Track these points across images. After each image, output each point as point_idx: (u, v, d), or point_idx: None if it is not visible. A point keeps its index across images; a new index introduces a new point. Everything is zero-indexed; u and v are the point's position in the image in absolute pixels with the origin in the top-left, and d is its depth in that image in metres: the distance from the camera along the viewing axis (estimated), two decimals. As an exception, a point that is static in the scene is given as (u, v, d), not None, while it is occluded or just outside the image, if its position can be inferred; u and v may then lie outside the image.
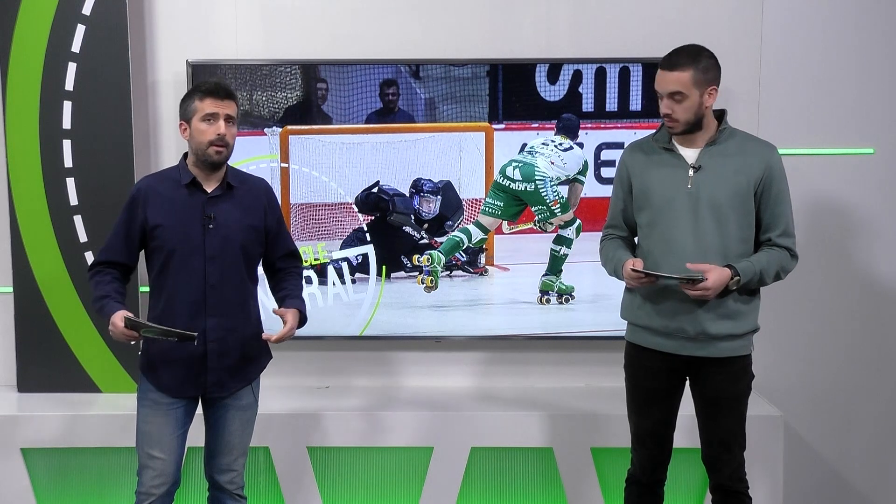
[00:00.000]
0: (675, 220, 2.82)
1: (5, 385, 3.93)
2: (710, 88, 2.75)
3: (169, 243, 2.80)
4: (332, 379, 3.99)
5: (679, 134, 2.82)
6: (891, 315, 3.91)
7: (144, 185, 2.87)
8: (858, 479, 3.98)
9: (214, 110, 2.77)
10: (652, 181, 2.87)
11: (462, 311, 3.88)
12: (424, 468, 3.65)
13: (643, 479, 3.03)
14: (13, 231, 3.74)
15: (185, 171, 2.85)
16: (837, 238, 3.88)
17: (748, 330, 2.85)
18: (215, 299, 2.82)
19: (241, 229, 2.86)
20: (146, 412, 2.88)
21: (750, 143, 2.84)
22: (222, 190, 2.85)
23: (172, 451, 2.88)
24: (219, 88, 2.80)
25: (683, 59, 2.74)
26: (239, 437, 2.96)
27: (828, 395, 3.94)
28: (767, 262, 2.78)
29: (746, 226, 2.81)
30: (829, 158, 3.83)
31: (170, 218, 2.81)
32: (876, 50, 3.79)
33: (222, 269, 2.82)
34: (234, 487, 2.98)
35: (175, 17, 3.80)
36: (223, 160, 2.83)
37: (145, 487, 2.88)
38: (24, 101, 3.67)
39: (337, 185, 3.81)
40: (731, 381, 2.86)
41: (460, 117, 3.76)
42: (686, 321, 2.82)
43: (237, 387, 2.92)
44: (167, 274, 2.82)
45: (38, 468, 3.64)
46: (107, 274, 2.84)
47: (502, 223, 3.83)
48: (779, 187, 2.79)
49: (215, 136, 2.77)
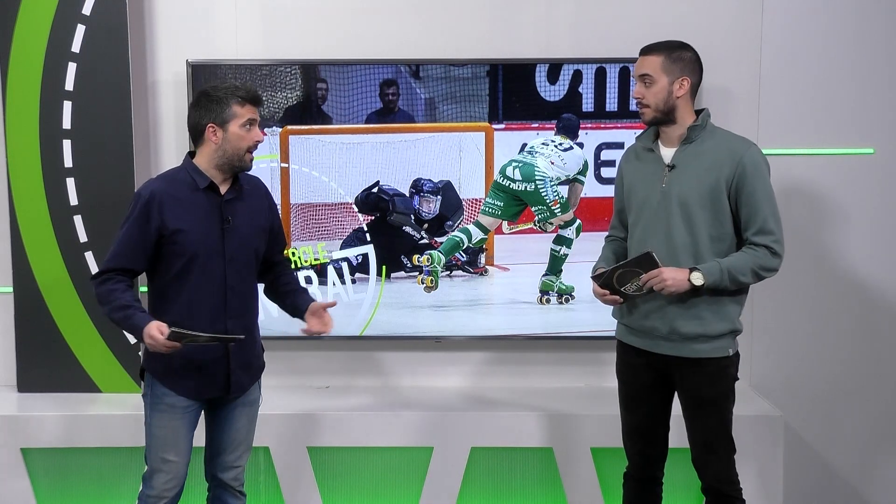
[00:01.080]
0: (649, 220, 2.84)
1: (5, 385, 3.93)
2: (681, 78, 2.79)
3: (190, 247, 2.76)
4: (332, 379, 3.99)
5: (650, 123, 2.85)
6: (890, 315, 3.91)
7: (157, 190, 2.79)
8: (858, 479, 3.97)
9: (254, 117, 2.79)
10: (635, 182, 2.92)
11: (462, 311, 3.88)
12: (424, 468, 3.66)
13: (637, 475, 3.05)
14: (13, 231, 3.74)
15: (199, 173, 2.80)
16: (837, 238, 3.87)
17: (724, 331, 2.81)
18: (234, 301, 2.82)
19: (254, 230, 2.87)
20: (162, 416, 2.84)
21: (725, 140, 2.82)
22: (235, 192, 2.85)
23: (185, 453, 2.88)
24: (258, 97, 2.82)
25: (659, 46, 2.83)
26: (245, 433, 2.97)
27: (828, 395, 3.94)
28: (737, 261, 2.74)
29: (718, 224, 2.78)
30: (829, 158, 3.83)
31: (189, 222, 2.77)
32: (876, 50, 3.78)
33: (239, 271, 2.83)
34: (237, 484, 2.99)
35: (175, 17, 3.80)
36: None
37: (157, 491, 2.86)
38: (24, 101, 3.67)
39: (337, 185, 3.81)
40: (709, 383, 2.84)
41: (460, 117, 3.76)
42: (657, 320, 2.83)
43: (249, 383, 2.94)
44: (186, 278, 2.78)
45: (38, 468, 3.65)
46: (119, 282, 2.76)
47: (502, 223, 3.84)
48: (753, 185, 2.74)
49: (254, 142, 2.79)
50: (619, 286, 2.78)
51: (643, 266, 2.73)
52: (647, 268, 2.73)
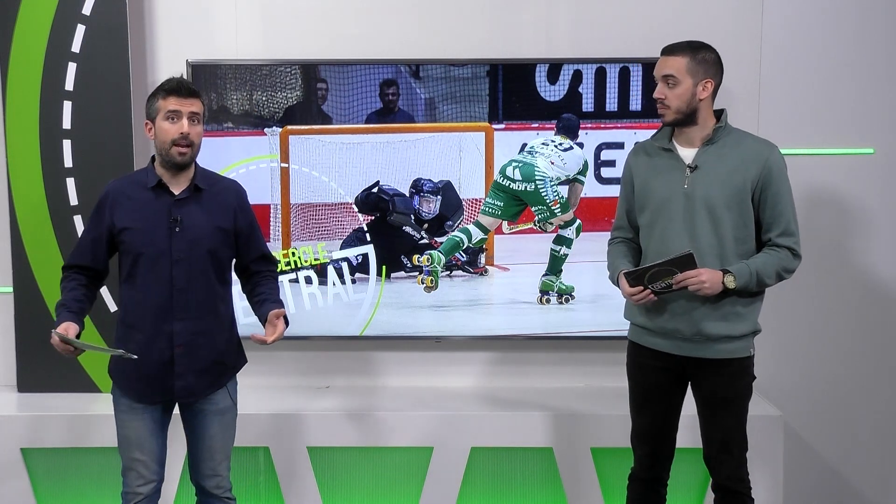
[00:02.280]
0: (671, 221, 2.82)
1: (5, 385, 3.93)
2: (705, 81, 2.78)
3: (136, 247, 2.77)
4: (332, 379, 3.99)
5: (670, 124, 2.83)
6: (890, 315, 3.91)
7: (112, 188, 2.83)
8: (858, 478, 3.98)
9: (177, 108, 2.73)
10: (651, 182, 2.89)
11: (462, 311, 3.88)
12: (424, 468, 3.66)
13: (643, 476, 3.04)
14: (13, 231, 3.74)
15: (153, 173, 2.81)
16: (837, 238, 3.88)
17: (746, 332, 2.84)
18: (182, 303, 2.78)
19: (209, 232, 2.81)
20: (122, 416, 2.87)
21: (748, 142, 2.83)
22: (190, 192, 2.81)
23: (152, 451, 2.87)
24: (181, 86, 2.75)
25: (683, 46, 2.80)
26: (220, 441, 2.92)
27: (828, 395, 3.94)
28: (764, 263, 2.76)
29: (742, 226, 2.79)
30: (829, 158, 3.83)
31: (136, 221, 2.77)
32: (876, 50, 3.79)
33: (189, 273, 2.78)
34: (221, 492, 2.96)
35: (175, 17, 3.81)
36: (188, 161, 2.78)
37: (131, 488, 2.88)
38: (24, 101, 3.67)
39: (337, 185, 3.81)
40: (729, 383, 2.85)
41: (460, 117, 3.76)
42: (682, 322, 2.82)
43: (209, 391, 2.87)
44: (135, 277, 2.79)
45: (38, 468, 3.65)
46: (72, 280, 2.83)
47: (502, 223, 3.83)
48: (778, 187, 2.77)
49: (178, 134, 2.73)
50: (648, 284, 2.77)
51: (680, 266, 2.71)
52: (684, 268, 2.71)
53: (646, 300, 2.80)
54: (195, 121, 2.76)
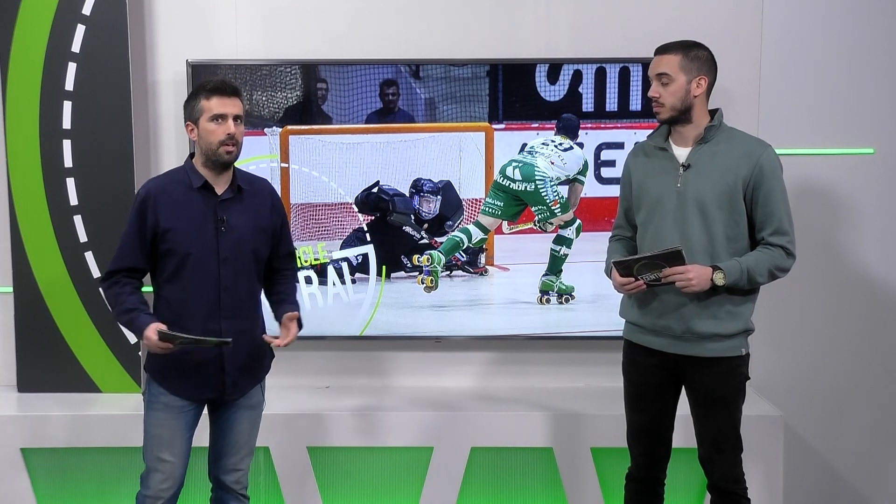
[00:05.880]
0: (663, 219, 2.84)
1: (5, 385, 3.93)
2: (698, 77, 2.79)
3: (183, 247, 2.77)
4: (332, 379, 3.99)
5: (665, 122, 2.84)
6: (890, 315, 3.91)
7: (154, 188, 2.83)
8: (858, 478, 3.98)
9: (223, 110, 2.76)
10: (647, 181, 2.91)
11: (462, 311, 3.88)
12: (424, 468, 3.66)
13: (640, 476, 3.05)
14: (13, 231, 3.74)
15: (195, 173, 2.82)
16: (837, 238, 3.88)
17: (738, 330, 2.83)
18: (229, 301, 2.82)
19: (253, 232, 2.86)
20: (158, 416, 2.86)
21: (741, 141, 2.83)
22: (233, 193, 2.84)
23: (182, 453, 2.88)
24: (225, 86, 2.78)
25: (675, 45, 2.82)
26: (247, 436, 2.96)
27: (828, 395, 3.94)
28: (756, 261, 2.76)
29: (734, 224, 2.79)
30: (829, 158, 3.83)
31: (182, 221, 2.78)
32: (876, 50, 3.79)
33: (235, 272, 2.82)
34: (239, 487, 2.98)
35: (175, 17, 3.81)
36: (234, 160, 2.82)
37: (153, 491, 2.86)
38: (24, 101, 3.67)
39: (337, 185, 3.81)
40: (720, 382, 2.84)
41: (460, 117, 3.76)
42: (672, 319, 2.83)
43: (250, 386, 2.93)
44: (180, 277, 2.79)
45: (38, 468, 3.65)
46: (126, 285, 2.80)
47: (502, 223, 3.84)
48: (769, 186, 2.76)
49: (225, 136, 2.75)
50: (637, 275, 2.77)
51: (669, 261, 2.72)
52: (672, 264, 2.72)
53: (637, 290, 2.80)
54: (238, 121, 2.80)
